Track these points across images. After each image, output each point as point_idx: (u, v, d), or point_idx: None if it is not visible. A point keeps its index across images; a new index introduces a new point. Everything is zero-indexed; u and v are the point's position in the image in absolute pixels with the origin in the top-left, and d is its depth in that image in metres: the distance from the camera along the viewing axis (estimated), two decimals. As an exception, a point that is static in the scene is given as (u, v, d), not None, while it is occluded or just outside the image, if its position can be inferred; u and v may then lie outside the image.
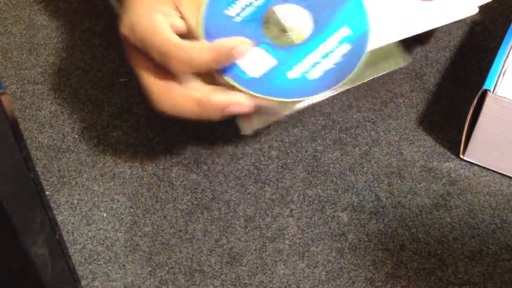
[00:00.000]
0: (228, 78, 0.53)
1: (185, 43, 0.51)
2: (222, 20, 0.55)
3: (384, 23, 0.59)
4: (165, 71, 0.52)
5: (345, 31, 0.55)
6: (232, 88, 0.53)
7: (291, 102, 0.53)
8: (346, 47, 0.54)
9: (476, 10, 0.59)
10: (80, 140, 0.61)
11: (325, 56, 0.54)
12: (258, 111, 0.53)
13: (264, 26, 0.55)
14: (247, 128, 0.53)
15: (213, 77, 0.53)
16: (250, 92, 0.52)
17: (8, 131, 0.31)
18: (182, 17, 0.54)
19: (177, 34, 0.52)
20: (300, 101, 0.53)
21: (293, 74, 0.53)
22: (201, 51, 0.51)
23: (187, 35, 0.54)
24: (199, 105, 0.51)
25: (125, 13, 0.53)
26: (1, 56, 0.67)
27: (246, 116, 0.52)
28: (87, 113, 0.63)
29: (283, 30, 0.55)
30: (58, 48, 0.68)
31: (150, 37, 0.51)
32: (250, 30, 0.54)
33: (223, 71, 0.53)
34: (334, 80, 0.53)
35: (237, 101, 0.51)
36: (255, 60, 0.54)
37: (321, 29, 0.55)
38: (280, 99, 0.53)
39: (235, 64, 0.53)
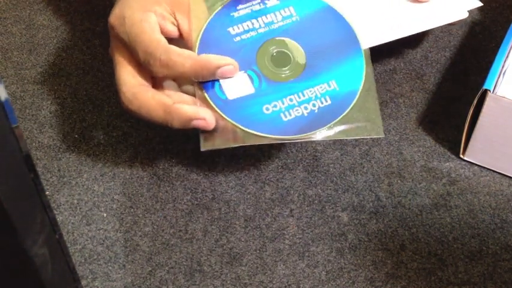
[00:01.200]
0: (204, 93, 0.53)
1: (173, 48, 0.51)
2: (222, 35, 0.55)
3: (373, 25, 0.59)
4: (143, 71, 0.52)
5: (332, 84, 0.54)
6: (205, 103, 0.53)
7: (255, 135, 0.52)
8: (326, 101, 0.53)
9: (466, 14, 0.59)
10: (80, 140, 0.61)
11: (304, 102, 0.53)
12: (222, 132, 0.52)
13: (259, 53, 0.55)
14: (205, 145, 0.52)
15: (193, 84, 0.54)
16: (221, 112, 0.52)
17: (8, 131, 0.31)
18: (177, 24, 0.54)
19: (165, 38, 0.52)
20: (264, 137, 0.52)
21: (268, 109, 0.53)
22: (186, 59, 0.51)
23: (177, 41, 0.54)
24: (165, 111, 0.51)
25: (117, 4, 0.53)
26: (1, 56, 0.67)
27: (208, 133, 0.52)
28: (87, 113, 0.63)
29: (278, 65, 0.54)
30: (58, 48, 0.68)
31: (139, 33, 0.51)
32: (245, 53, 0.54)
33: (203, 84, 0.53)
34: (303, 128, 0.52)
35: (203, 117, 0.51)
36: (235, 84, 0.53)
37: (310, 74, 0.54)
38: (246, 129, 0.52)
39: (217, 82, 0.53)
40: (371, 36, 0.57)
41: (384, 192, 0.57)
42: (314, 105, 0.53)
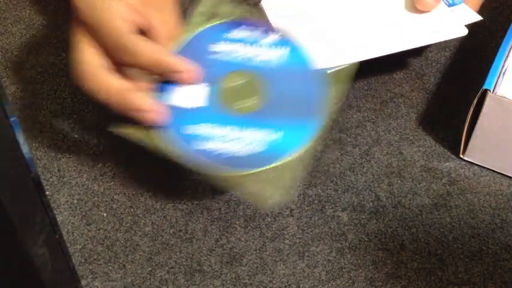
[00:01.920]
0: (153, 87, 0.53)
1: (140, 38, 0.51)
2: (201, 45, 0.55)
3: (371, 38, 0.59)
4: (105, 55, 0.52)
5: (272, 137, 0.52)
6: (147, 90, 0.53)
7: (165, 145, 0.51)
8: (256, 148, 0.51)
9: (466, 31, 0.59)
10: (80, 140, 0.61)
11: (233, 139, 0.51)
12: (139, 124, 0.52)
13: (228, 76, 0.54)
14: (116, 129, 0.52)
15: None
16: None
17: (8, 131, 0.31)
18: (147, 19, 0.54)
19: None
20: (175, 152, 0.51)
21: (201, 128, 0.52)
22: (151, 52, 0.51)
23: (144, 34, 0.54)
24: (118, 95, 0.51)
25: None
26: (1, 56, 0.67)
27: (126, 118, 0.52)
28: (87, 113, 0.63)
29: (237, 94, 0.53)
30: (58, 48, 0.68)
31: (107, 20, 0.51)
32: (213, 71, 0.54)
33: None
34: (216, 164, 0.51)
35: (155, 109, 0.51)
36: (186, 92, 0.53)
37: (259, 117, 0.52)
38: (161, 135, 0.52)
39: (171, 83, 0.53)
40: (366, 50, 0.57)
41: (384, 192, 0.57)
42: (242, 148, 0.51)
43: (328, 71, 0.57)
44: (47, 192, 0.57)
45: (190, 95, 0.53)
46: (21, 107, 0.63)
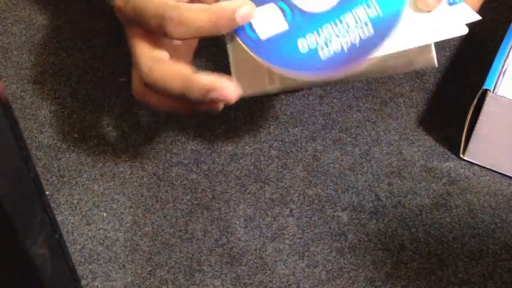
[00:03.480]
0: (235, 35, 0.49)
1: (183, 4, 0.48)
2: None
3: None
4: (159, 43, 0.50)
5: (372, 4, 0.48)
6: (237, 46, 0.49)
7: (292, 77, 0.48)
8: (369, 31, 0.48)
9: (466, 30, 0.59)
10: (80, 140, 0.61)
11: (341, 34, 0.47)
12: (255, 76, 0.49)
13: None
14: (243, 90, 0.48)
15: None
16: (254, 55, 0.48)
17: (8, 131, 0.31)
18: None
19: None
20: (302, 79, 0.47)
21: (304, 44, 0.48)
22: (198, 13, 0.48)
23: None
24: (184, 81, 0.48)
25: None
26: (1, 56, 0.67)
27: (239, 79, 0.49)
28: (87, 113, 0.63)
29: None
30: (58, 48, 0.68)
31: (145, 1, 0.49)
32: None
33: (235, 30, 0.49)
34: (343, 65, 0.47)
35: (222, 86, 0.47)
36: (267, 20, 0.49)
37: (342, 3, 0.48)
38: (282, 71, 0.48)
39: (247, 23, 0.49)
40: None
41: (384, 192, 0.57)
42: (355, 38, 0.47)
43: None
44: (47, 192, 0.57)
45: (272, 21, 0.49)
46: (21, 107, 0.63)
